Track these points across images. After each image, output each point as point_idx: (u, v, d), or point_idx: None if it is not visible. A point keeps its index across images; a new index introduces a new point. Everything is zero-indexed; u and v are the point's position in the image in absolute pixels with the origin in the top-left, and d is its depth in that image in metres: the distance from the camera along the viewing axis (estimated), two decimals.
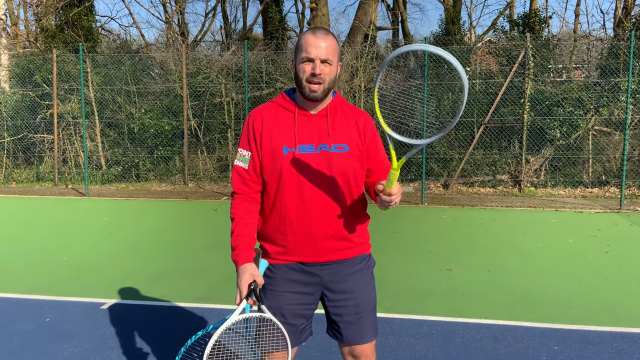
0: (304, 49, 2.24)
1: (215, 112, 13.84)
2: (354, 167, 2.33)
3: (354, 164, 2.33)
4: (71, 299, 5.21)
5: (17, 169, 14.60)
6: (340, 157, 2.30)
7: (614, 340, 4.16)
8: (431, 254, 6.88)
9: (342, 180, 2.31)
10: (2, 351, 3.99)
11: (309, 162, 2.28)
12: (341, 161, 2.30)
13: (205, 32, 22.74)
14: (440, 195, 11.99)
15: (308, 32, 2.29)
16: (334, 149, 2.30)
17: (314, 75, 2.23)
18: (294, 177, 2.28)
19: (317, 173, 2.28)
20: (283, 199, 2.30)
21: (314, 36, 2.24)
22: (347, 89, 12.98)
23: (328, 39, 2.25)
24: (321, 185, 2.28)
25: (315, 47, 2.22)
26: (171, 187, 13.34)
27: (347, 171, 2.31)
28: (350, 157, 2.32)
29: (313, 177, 2.28)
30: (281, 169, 2.28)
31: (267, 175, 2.32)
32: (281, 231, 2.34)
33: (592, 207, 10.37)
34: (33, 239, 7.90)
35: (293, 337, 2.37)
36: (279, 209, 2.32)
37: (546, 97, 11.96)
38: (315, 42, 2.23)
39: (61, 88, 13.96)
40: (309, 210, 2.29)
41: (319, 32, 2.27)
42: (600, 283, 5.66)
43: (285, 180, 2.28)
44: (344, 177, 2.31)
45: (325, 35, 2.26)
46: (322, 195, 2.29)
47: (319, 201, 2.29)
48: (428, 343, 4.12)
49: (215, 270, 6.20)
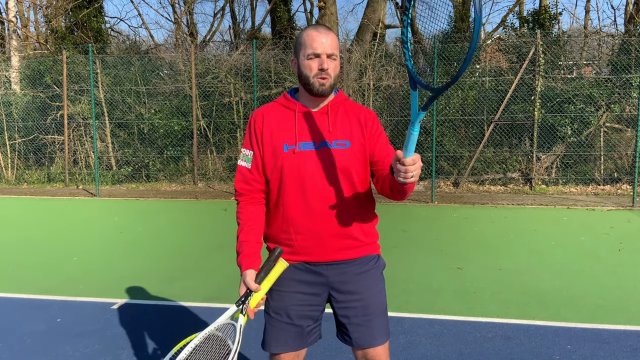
0: (309, 45, 2.23)
1: (224, 112, 13.86)
2: (356, 163, 2.30)
3: (355, 160, 2.29)
4: (82, 299, 5.23)
5: (28, 170, 14.70)
6: (341, 154, 2.27)
7: (628, 339, 4.11)
8: (442, 253, 6.84)
9: (344, 177, 2.28)
10: (14, 352, 4.00)
11: (310, 159, 2.26)
12: (342, 157, 2.27)
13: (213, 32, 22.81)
14: (450, 194, 11.93)
15: (309, 28, 2.28)
16: (335, 146, 2.28)
17: (322, 70, 2.22)
18: (295, 175, 2.26)
19: (318, 170, 2.26)
20: (285, 197, 2.29)
21: (317, 32, 2.24)
22: (356, 87, 12.95)
23: (330, 34, 2.26)
24: (323, 183, 2.26)
25: (321, 43, 2.22)
26: (181, 187, 13.38)
27: (348, 167, 2.28)
28: (352, 154, 2.29)
29: (314, 174, 2.26)
30: (282, 166, 2.27)
31: (269, 174, 2.31)
32: (285, 230, 2.32)
33: (604, 205, 10.28)
34: (44, 240, 7.94)
35: (299, 339, 2.34)
36: (282, 208, 2.31)
37: (557, 94, 11.87)
38: (320, 38, 2.23)
39: (71, 89, 14.04)
40: (313, 208, 2.27)
41: (321, 27, 2.27)
42: (614, 281, 5.60)
43: (286, 178, 2.27)
44: (346, 174, 2.28)
45: (327, 30, 2.27)
46: (324, 192, 2.27)
47: (322, 199, 2.26)
48: (439, 342, 4.09)
49: (225, 270, 6.20)
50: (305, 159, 2.26)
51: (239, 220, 2.33)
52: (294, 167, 2.26)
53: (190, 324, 4.54)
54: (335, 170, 2.27)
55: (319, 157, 2.27)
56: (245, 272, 2.19)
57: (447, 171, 12.71)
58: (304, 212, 2.28)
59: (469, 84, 12.60)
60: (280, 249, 2.24)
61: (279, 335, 2.35)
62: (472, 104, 12.48)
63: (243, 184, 2.35)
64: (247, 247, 2.25)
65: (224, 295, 5.27)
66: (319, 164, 2.26)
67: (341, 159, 2.27)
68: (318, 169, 2.26)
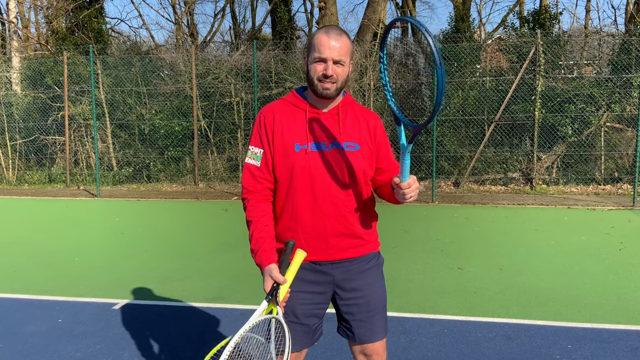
0: (317, 48, 2.22)
1: (225, 113, 13.87)
2: (364, 165, 2.33)
3: (364, 162, 2.33)
4: (83, 299, 5.24)
5: (29, 171, 14.72)
6: (351, 156, 2.30)
7: (628, 339, 4.11)
8: (442, 253, 6.85)
9: (353, 178, 2.31)
10: (15, 352, 4.01)
11: (321, 159, 2.27)
12: (352, 159, 2.30)
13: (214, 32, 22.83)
14: (451, 194, 11.94)
15: (321, 31, 2.26)
16: (345, 147, 2.30)
17: (325, 77, 2.22)
18: (305, 175, 2.27)
19: (328, 171, 2.28)
20: (295, 196, 2.29)
21: (327, 36, 2.22)
22: (357, 87, 12.95)
23: (341, 39, 2.22)
24: (332, 183, 2.28)
25: (329, 48, 2.20)
26: (182, 188, 13.38)
27: (357, 169, 2.30)
28: (361, 156, 2.32)
29: (324, 174, 2.27)
30: (293, 166, 2.27)
31: (279, 173, 2.31)
32: (293, 229, 2.32)
33: (605, 204, 10.28)
34: (45, 240, 7.95)
35: (306, 337, 2.36)
36: (290, 207, 2.31)
37: (557, 94, 11.87)
38: (328, 43, 2.20)
39: (72, 90, 14.05)
40: (321, 208, 2.28)
41: (332, 32, 2.24)
42: (614, 281, 5.60)
43: (297, 178, 2.27)
44: (354, 176, 2.31)
45: (339, 35, 2.23)
46: (333, 193, 2.28)
47: (330, 199, 2.28)
48: (440, 342, 4.09)
49: (227, 270, 6.21)
50: (317, 159, 2.27)
51: (251, 217, 2.31)
52: (305, 167, 2.26)
53: (192, 324, 4.55)
54: (345, 172, 2.29)
55: (329, 158, 2.28)
56: (269, 267, 2.17)
57: (448, 171, 12.71)
58: (312, 212, 2.29)
59: (470, 83, 12.61)
60: (293, 242, 2.23)
61: None
62: (472, 104, 12.48)
63: (252, 182, 2.33)
64: (264, 244, 2.24)
65: (225, 296, 5.28)
66: (329, 165, 2.28)
67: (351, 161, 2.29)
68: (329, 169, 2.28)
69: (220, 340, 4.19)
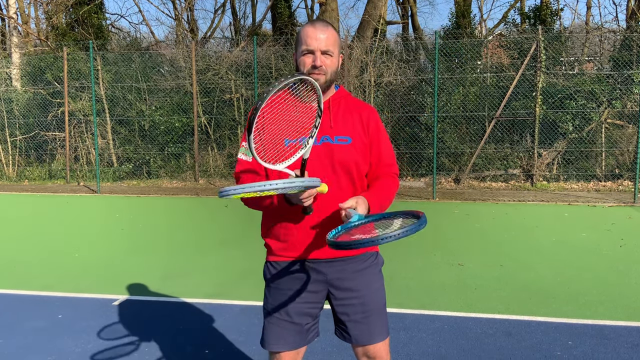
0: (304, 41, 2.23)
1: (225, 109, 13.85)
2: (357, 159, 2.29)
3: (356, 156, 2.29)
4: (83, 295, 5.23)
5: (30, 167, 14.70)
6: (342, 149, 2.27)
7: (629, 335, 4.11)
8: (443, 249, 6.84)
9: (345, 172, 2.27)
10: (16, 347, 4.01)
11: (312, 154, 2.23)
12: (343, 153, 2.26)
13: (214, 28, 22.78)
14: (451, 190, 11.93)
15: (307, 24, 2.27)
16: (337, 141, 2.27)
17: (314, 67, 2.21)
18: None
19: (319, 165, 2.24)
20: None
21: (313, 28, 2.23)
22: (357, 83, 12.93)
23: (327, 30, 2.24)
24: (324, 178, 2.23)
25: (315, 39, 2.21)
26: (182, 184, 13.38)
27: (349, 163, 2.27)
28: (354, 150, 2.28)
29: (315, 169, 2.23)
30: None
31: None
32: (284, 226, 2.30)
33: (606, 201, 10.27)
34: (45, 236, 7.95)
35: (298, 337, 2.33)
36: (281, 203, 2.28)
37: (558, 90, 11.84)
38: (315, 34, 2.21)
39: (72, 86, 14.03)
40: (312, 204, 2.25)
41: (318, 24, 2.25)
42: (615, 277, 5.60)
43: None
44: (346, 170, 2.27)
45: (325, 26, 2.24)
46: None
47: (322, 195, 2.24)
48: (440, 338, 4.09)
49: (227, 266, 6.20)
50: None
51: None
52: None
53: (192, 320, 4.55)
54: (336, 166, 2.26)
55: (320, 152, 2.25)
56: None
57: (448, 168, 12.70)
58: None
59: (470, 80, 12.58)
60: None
61: (279, 333, 2.33)
62: (473, 100, 12.46)
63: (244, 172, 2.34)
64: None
65: (225, 292, 5.27)
66: (320, 159, 2.25)
67: (342, 155, 2.26)
68: (319, 164, 2.24)
69: (220, 338, 4.19)
